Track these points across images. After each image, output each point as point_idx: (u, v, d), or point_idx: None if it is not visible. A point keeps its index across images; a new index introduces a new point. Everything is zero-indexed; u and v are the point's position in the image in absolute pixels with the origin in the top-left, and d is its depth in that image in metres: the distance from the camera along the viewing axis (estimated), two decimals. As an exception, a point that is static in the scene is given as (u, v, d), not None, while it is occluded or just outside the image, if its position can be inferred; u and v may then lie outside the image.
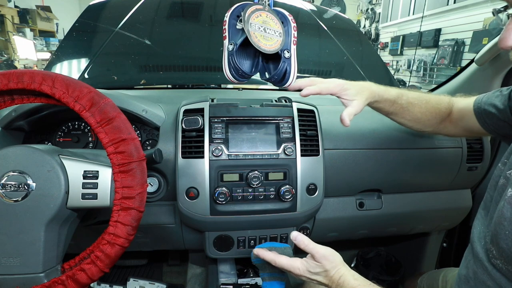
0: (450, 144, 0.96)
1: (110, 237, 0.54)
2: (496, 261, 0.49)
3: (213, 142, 0.77)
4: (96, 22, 1.42)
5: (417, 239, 1.28)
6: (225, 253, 0.86)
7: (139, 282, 1.26)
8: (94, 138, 0.87)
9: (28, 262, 0.53)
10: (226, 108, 0.81)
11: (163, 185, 0.82)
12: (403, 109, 0.76)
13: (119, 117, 0.55)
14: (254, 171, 0.77)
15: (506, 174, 0.53)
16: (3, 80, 0.54)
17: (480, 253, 0.53)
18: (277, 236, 0.87)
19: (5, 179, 0.52)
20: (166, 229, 0.88)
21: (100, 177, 0.56)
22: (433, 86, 1.29)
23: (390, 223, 1.02)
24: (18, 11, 5.11)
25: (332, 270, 0.59)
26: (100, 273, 0.55)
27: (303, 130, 0.81)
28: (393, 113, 0.78)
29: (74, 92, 0.54)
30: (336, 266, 0.60)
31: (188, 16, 1.57)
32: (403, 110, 0.77)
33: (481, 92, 0.74)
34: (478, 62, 1.00)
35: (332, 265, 0.60)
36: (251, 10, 0.65)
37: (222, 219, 0.79)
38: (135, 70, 1.35)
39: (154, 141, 0.87)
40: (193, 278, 1.27)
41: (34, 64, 4.88)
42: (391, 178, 0.93)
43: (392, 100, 0.75)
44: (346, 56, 1.46)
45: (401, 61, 5.48)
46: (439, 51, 4.23)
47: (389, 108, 0.76)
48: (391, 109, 0.76)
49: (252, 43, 0.63)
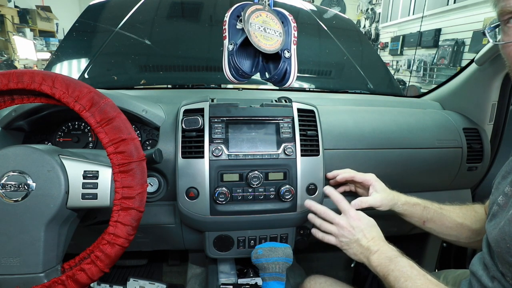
0: (450, 144, 0.96)
1: (110, 237, 0.54)
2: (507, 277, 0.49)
3: (213, 142, 0.77)
4: (96, 22, 1.42)
5: (417, 239, 1.28)
6: (225, 253, 0.86)
7: (139, 282, 1.26)
8: (94, 138, 0.87)
9: (28, 262, 0.53)
10: (226, 108, 0.81)
11: (163, 185, 0.82)
12: (438, 214, 0.74)
13: (119, 117, 0.55)
14: (254, 171, 0.77)
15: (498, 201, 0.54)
16: (3, 80, 0.54)
17: None
18: (277, 236, 0.87)
19: (5, 179, 0.52)
20: (166, 229, 0.88)
21: (100, 177, 0.56)
22: (433, 86, 1.29)
23: (390, 223, 1.02)
24: (18, 11, 5.11)
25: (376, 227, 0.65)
26: (100, 273, 0.55)
27: (303, 130, 0.81)
28: (429, 220, 0.75)
29: (74, 92, 0.54)
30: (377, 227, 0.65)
31: (188, 16, 1.57)
32: (439, 216, 0.74)
33: (481, 92, 0.74)
34: (478, 62, 1.00)
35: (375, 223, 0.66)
36: (251, 10, 0.65)
37: (222, 219, 0.79)
38: (135, 70, 1.35)
39: (154, 141, 0.87)
40: (193, 278, 1.27)
41: (34, 64, 4.88)
42: (391, 178, 0.92)
43: (423, 205, 0.75)
44: (346, 56, 1.46)
45: (401, 61, 5.48)
46: (439, 51, 4.23)
47: (422, 213, 0.75)
48: (425, 214, 0.74)
49: (252, 43, 0.63)
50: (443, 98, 1.19)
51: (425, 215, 0.75)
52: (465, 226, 0.74)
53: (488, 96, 1.01)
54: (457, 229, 0.75)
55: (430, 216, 0.75)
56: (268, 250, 0.72)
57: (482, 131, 1.03)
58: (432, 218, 0.75)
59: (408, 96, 1.45)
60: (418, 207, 0.75)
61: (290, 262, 0.73)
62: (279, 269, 0.70)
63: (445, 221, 0.75)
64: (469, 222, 0.74)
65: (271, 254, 0.71)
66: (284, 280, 0.71)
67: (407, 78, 5.01)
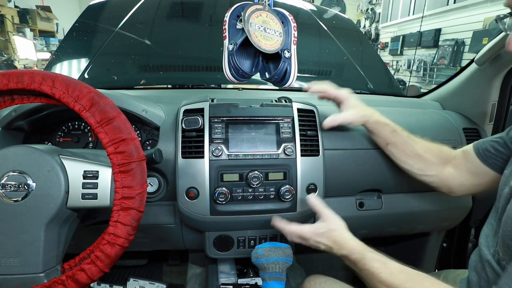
0: (450, 144, 0.96)
1: (110, 237, 0.54)
2: (503, 262, 0.49)
3: (213, 142, 0.77)
4: (96, 22, 1.42)
5: (417, 239, 1.28)
6: (225, 253, 0.86)
7: (139, 282, 1.26)
8: (94, 138, 0.87)
9: (28, 262, 0.53)
10: (226, 108, 0.81)
11: (163, 185, 0.82)
12: (404, 141, 0.75)
13: (119, 117, 0.55)
14: (254, 171, 0.77)
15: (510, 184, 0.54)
16: (3, 80, 0.54)
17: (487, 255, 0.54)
18: (277, 236, 0.87)
19: (5, 179, 0.52)
20: (166, 229, 0.88)
21: (100, 177, 0.56)
22: (433, 86, 1.29)
23: (390, 223, 1.02)
24: (18, 11, 5.11)
25: (335, 231, 0.63)
26: (100, 273, 0.55)
27: (303, 130, 0.81)
28: (393, 144, 0.76)
29: (74, 92, 0.54)
30: (340, 229, 0.64)
31: (188, 16, 1.57)
32: (404, 143, 0.75)
33: (481, 92, 0.74)
34: (478, 62, 1.00)
35: (336, 225, 0.64)
36: (251, 10, 0.65)
37: (222, 219, 0.79)
38: (135, 70, 1.35)
39: (154, 141, 0.87)
40: (193, 278, 1.27)
41: (34, 64, 4.89)
42: (391, 178, 0.92)
43: (392, 128, 0.75)
44: (346, 56, 1.46)
45: (401, 61, 5.48)
46: (439, 51, 4.23)
47: (388, 135, 0.75)
48: (391, 137, 0.75)
49: (252, 43, 0.63)
50: (443, 98, 1.19)
51: (391, 138, 0.76)
52: (423, 158, 0.75)
53: (488, 96, 1.01)
54: (414, 159, 0.76)
55: (394, 140, 0.76)
56: (268, 250, 0.72)
57: (482, 131, 1.03)
58: (396, 143, 0.76)
59: (408, 96, 1.45)
60: (387, 128, 0.75)
61: (290, 262, 0.73)
62: (279, 269, 0.70)
63: (407, 149, 0.76)
64: (428, 156, 0.75)
65: (271, 254, 0.71)
66: (284, 280, 0.71)
67: (407, 78, 5.01)
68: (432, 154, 0.76)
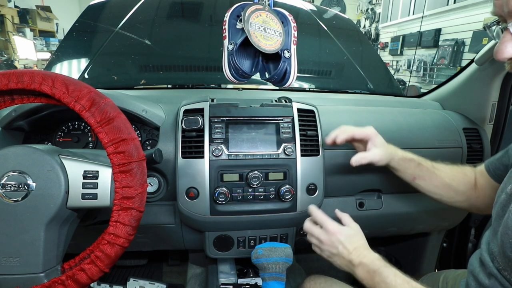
0: (450, 144, 0.96)
1: (110, 237, 0.54)
2: (505, 272, 0.49)
3: (213, 142, 0.77)
4: (96, 22, 1.42)
5: (417, 239, 1.28)
6: (225, 253, 0.86)
7: (139, 282, 1.26)
8: (94, 138, 0.87)
9: (28, 262, 0.53)
10: (226, 108, 0.81)
11: (163, 185, 0.82)
12: (430, 173, 0.74)
13: (119, 117, 0.55)
14: (254, 171, 0.77)
15: (507, 190, 0.54)
16: (3, 80, 0.54)
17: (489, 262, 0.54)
18: (277, 236, 0.87)
19: (5, 179, 0.52)
20: (166, 229, 0.88)
21: (100, 177, 0.56)
22: (433, 86, 1.29)
23: (390, 223, 1.02)
24: (18, 11, 5.10)
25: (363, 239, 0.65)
26: (100, 273, 0.55)
27: (303, 130, 0.81)
28: (420, 177, 0.75)
29: (74, 92, 0.54)
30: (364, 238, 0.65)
31: (188, 16, 1.57)
32: (430, 174, 0.74)
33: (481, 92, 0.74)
34: (478, 62, 0.99)
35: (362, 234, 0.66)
36: (251, 10, 0.65)
37: (222, 219, 0.79)
38: (135, 70, 1.35)
39: (154, 141, 0.87)
40: (193, 278, 1.27)
41: (34, 64, 4.88)
42: (391, 178, 0.92)
43: (417, 161, 0.74)
44: (346, 56, 1.46)
45: (401, 61, 5.48)
46: (439, 51, 4.23)
47: (415, 170, 0.74)
48: (417, 172, 0.74)
49: (252, 43, 0.63)
50: (443, 98, 1.19)
51: (417, 172, 0.75)
52: (452, 187, 0.75)
53: (488, 96, 1.01)
54: (443, 189, 0.75)
55: (421, 174, 0.75)
56: (268, 250, 0.72)
57: (482, 131, 1.03)
58: (423, 176, 0.75)
59: (408, 96, 1.45)
60: (412, 163, 0.75)
61: (290, 262, 0.73)
62: (279, 269, 0.70)
63: (434, 180, 0.75)
64: (455, 184, 0.74)
65: (271, 254, 0.71)
66: (284, 280, 0.71)
67: (407, 78, 5.01)
68: (459, 181, 0.75)
